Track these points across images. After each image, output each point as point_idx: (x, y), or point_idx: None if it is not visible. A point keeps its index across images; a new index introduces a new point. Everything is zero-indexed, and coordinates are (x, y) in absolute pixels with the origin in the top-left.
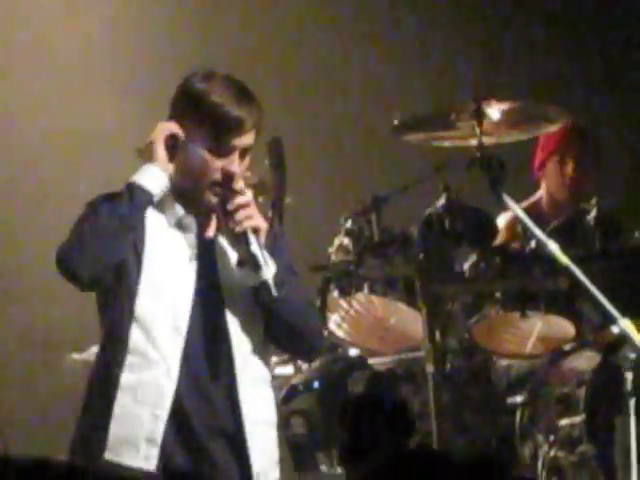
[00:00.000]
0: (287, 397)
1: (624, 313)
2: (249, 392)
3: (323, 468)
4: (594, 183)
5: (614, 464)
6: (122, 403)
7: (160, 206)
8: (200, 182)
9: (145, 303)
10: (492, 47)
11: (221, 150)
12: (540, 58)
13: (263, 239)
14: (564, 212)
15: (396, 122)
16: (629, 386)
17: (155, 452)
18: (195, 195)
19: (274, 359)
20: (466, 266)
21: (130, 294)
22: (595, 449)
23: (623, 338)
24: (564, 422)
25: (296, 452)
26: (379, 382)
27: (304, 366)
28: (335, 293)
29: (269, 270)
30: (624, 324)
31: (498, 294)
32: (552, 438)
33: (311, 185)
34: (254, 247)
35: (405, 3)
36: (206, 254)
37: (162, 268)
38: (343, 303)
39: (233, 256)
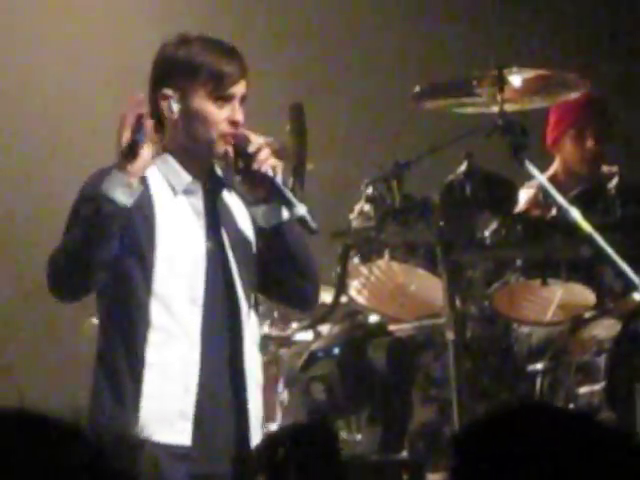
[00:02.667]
0: (307, 363)
1: None
2: (250, 353)
3: (342, 434)
4: (609, 154)
5: (635, 431)
6: (151, 380)
7: (165, 175)
8: (210, 135)
9: (162, 278)
10: (512, 15)
11: (221, 102)
12: (563, 26)
13: (281, 177)
14: (582, 185)
15: (417, 89)
16: None
17: (189, 426)
18: (204, 151)
19: (294, 325)
20: (487, 233)
21: (146, 270)
22: (615, 417)
23: None
24: (584, 390)
25: (316, 418)
26: (400, 348)
27: (324, 332)
28: (356, 259)
29: (302, 205)
30: None
31: (519, 261)
32: (572, 406)
33: (332, 151)
34: (281, 185)
35: None
36: (211, 216)
37: (175, 240)
38: (364, 269)
39: (236, 210)
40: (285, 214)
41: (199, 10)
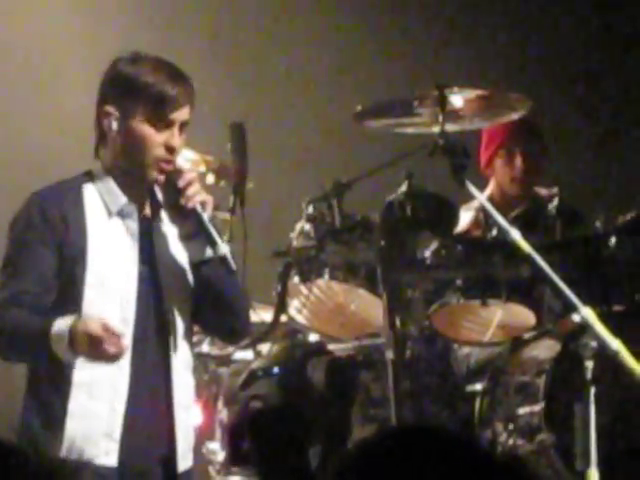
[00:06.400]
0: (246, 382)
1: (584, 302)
2: (179, 377)
3: None
4: (542, 176)
5: (573, 453)
6: (77, 400)
7: (101, 195)
8: (144, 158)
9: (92, 297)
10: (455, 33)
11: (160, 126)
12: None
13: (210, 213)
14: (515, 207)
15: (359, 108)
16: (589, 375)
17: (115, 446)
18: (138, 174)
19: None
20: (427, 253)
21: (75, 290)
22: (554, 438)
23: (584, 327)
24: (523, 410)
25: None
26: (339, 367)
27: (264, 351)
28: (296, 279)
29: (224, 244)
30: (585, 313)
31: (459, 282)
32: (511, 426)
33: (273, 170)
34: (207, 222)
35: None
36: (145, 240)
37: (106, 260)
38: (303, 289)
39: (171, 237)
40: (208, 251)
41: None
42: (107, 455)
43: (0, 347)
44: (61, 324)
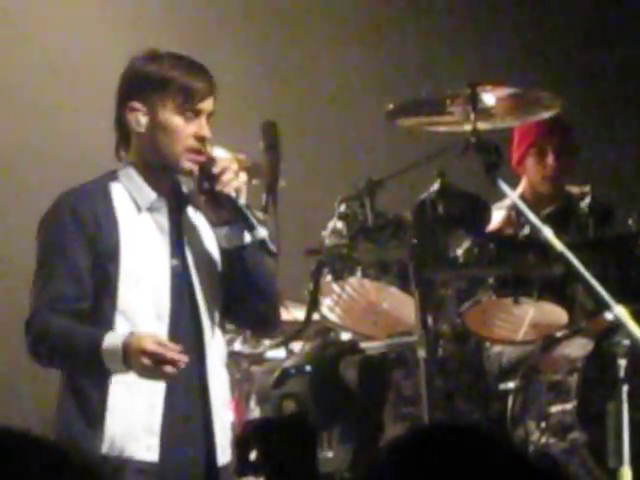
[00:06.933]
0: (279, 380)
1: (617, 300)
2: (215, 373)
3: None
4: (574, 174)
5: (606, 451)
6: (116, 395)
7: (129, 192)
8: (175, 149)
9: (127, 294)
10: (488, 32)
11: (189, 117)
12: (538, 44)
13: (244, 200)
14: (547, 205)
15: (391, 107)
16: (622, 373)
17: (156, 442)
18: (170, 166)
19: (266, 342)
20: (460, 251)
21: (110, 288)
22: (586, 436)
23: (616, 325)
24: (556, 409)
25: None
26: (372, 366)
27: (296, 349)
28: (328, 277)
29: (262, 228)
30: (618, 311)
31: (491, 280)
32: (543, 425)
33: (305, 169)
34: (244, 207)
35: None
36: (176, 234)
37: (139, 256)
38: (336, 287)
39: (201, 229)
40: (247, 237)
41: (172, 24)
42: (148, 450)
43: (41, 354)
44: (112, 340)
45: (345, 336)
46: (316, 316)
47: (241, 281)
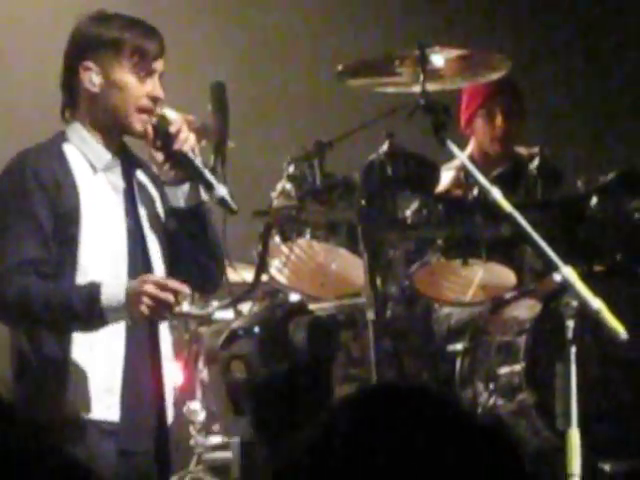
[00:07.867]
0: (227, 341)
1: (566, 262)
2: (163, 333)
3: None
4: (521, 135)
5: (554, 412)
6: (77, 357)
7: (83, 153)
8: (128, 109)
9: (88, 256)
10: None
11: (142, 76)
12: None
13: (200, 158)
14: (495, 166)
15: (340, 67)
16: (570, 334)
17: (116, 401)
18: (122, 126)
19: (214, 303)
20: (408, 213)
21: (72, 249)
22: (535, 397)
23: (565, 286)
24: (504, 370)
25: (235, 396)
26: (320, 327)
27: (245, 310)
28: (277, 238)
29: (222, 186)
30: (566, 272)
31: (440, 241)
32: (492, 386)
33: (254, 130)
34: (201, 166)
35: None
36: (130, 194)
37: (98, 217)
38: (284, 249)
39: (149, 189)
40: (204, 195)
41: None
42: (109, 410)
43: (11, 316)
44: (112, 291)
45: (294, 297)
46: (265, 277)
47: (193, 240)
